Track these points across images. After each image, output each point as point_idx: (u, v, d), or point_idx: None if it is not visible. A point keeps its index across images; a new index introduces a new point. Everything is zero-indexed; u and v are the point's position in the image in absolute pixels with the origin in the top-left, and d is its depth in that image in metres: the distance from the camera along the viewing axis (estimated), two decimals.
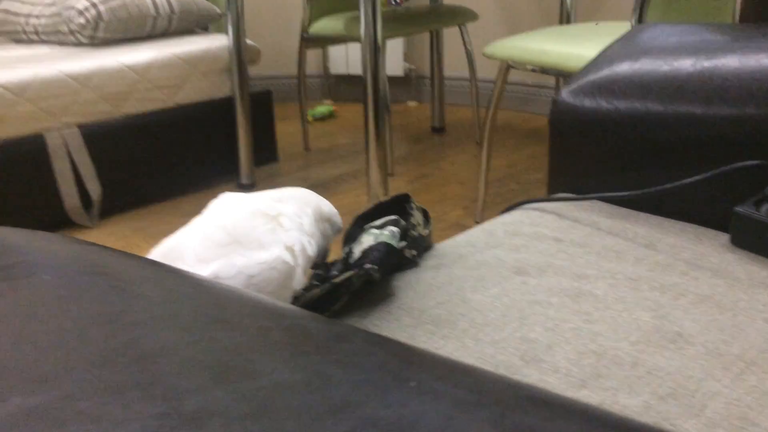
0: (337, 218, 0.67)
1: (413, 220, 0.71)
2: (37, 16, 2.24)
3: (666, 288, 0.63)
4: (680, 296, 0.62)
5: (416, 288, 0.65)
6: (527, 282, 0.66)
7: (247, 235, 0.55)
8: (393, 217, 0.67)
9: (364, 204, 2.06)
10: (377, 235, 0.64)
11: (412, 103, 3.20)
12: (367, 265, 0.59)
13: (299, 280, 0.56)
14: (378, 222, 0.67)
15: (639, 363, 0.53)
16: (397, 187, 2.20)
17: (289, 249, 0.55)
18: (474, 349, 0.56)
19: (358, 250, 0.64)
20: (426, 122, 2.88)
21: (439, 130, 2.77)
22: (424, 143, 2.64)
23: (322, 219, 0.64)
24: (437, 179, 2.26)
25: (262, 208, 0.57)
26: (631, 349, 0.54)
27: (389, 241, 0.63)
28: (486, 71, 2.93)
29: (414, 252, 0.70)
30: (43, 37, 2.25)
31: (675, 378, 0.50)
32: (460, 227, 1.87)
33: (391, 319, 0.61)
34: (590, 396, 0.49)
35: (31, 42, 2.28)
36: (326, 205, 0.65)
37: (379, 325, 0.60)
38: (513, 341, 0.56)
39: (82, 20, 2.08)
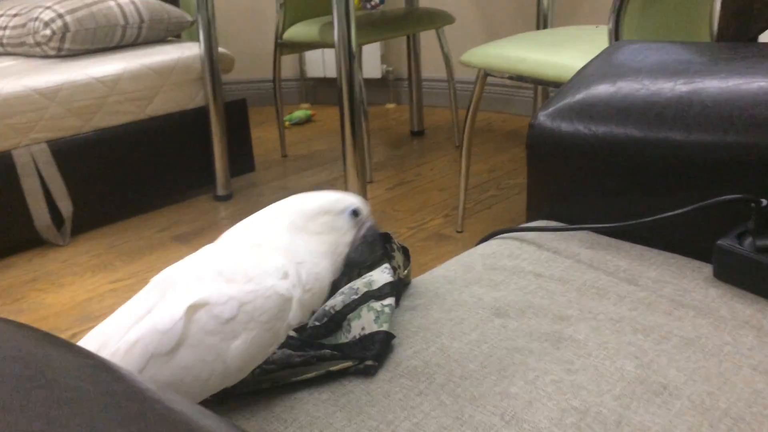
0: None
1: (394, 263, 0.68)
2: (2, 28, 2.17)
3: (649, 330, 0.61)
4: (664, 340, 0.60)
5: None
6: (507, 325, 0.64)
7: (242, 272, 0.53)
8: (390, 278, 0.65)
9: None
10: (378, 312, 0.62)
11: (390, 105, 3.17)
12: (369, 362, 0.58)
13: (296, 315, 0.54)
14: (376, 287, 0.64)
15: (623, 421, 0.50)
16: (377, 195, 2.17)
17: (285, 280, 0.54)
18: (452, 407, 0.53)
19: (356, 325, 0.61)
20: (405, 125, 2.85)
21: (418, 133, 2.75)
22: (403, 148, 2.62)
23: None
24: (417, 186, 2.23)
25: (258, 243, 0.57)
26: (615, 405, 0.52)
27: (389, 322, 0.62)
28: (464, 73, 2.90)
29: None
30: (9, 48, 2.18)
31: None
32: (441, 237, 1.85)
33: (366, 373, 0.58)
34: None
35: None
36: None
37: (353, 380, 0.58)
38: (492, 397, 0.54)
39: (48, 32, 2.02)
